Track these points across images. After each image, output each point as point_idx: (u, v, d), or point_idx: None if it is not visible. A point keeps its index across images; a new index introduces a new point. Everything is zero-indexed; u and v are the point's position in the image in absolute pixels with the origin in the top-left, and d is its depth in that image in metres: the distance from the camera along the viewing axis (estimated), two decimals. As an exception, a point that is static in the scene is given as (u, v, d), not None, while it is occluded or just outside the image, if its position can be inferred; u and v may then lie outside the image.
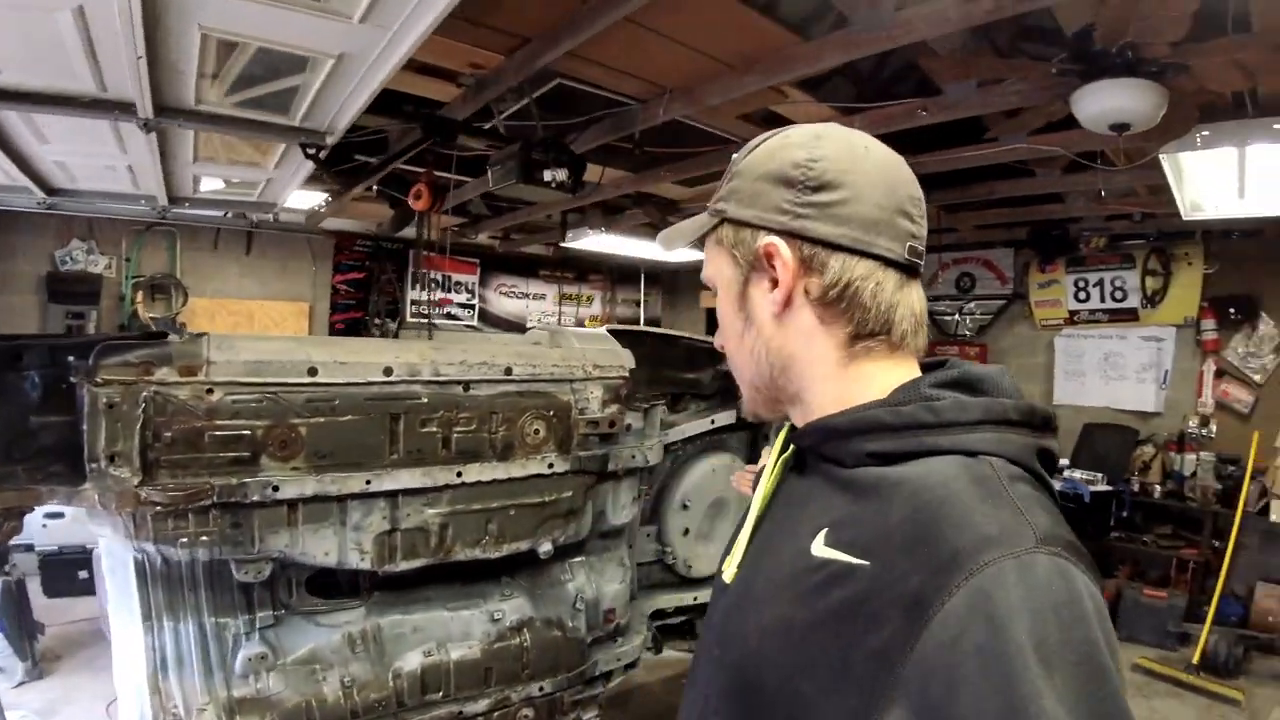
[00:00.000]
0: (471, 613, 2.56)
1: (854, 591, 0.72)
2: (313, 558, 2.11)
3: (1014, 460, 0.77)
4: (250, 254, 7.49)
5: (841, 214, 0.84)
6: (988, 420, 0.79)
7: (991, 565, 0.64)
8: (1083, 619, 0.63)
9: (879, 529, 0.74)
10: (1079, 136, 3.82)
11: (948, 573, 0.65)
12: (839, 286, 0.85)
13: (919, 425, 0.78)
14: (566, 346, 2.86)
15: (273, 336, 2.25)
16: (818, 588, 0.76)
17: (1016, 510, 0.70)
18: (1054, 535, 0.68)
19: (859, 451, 0.81)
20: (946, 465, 0.75)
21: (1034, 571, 0.64)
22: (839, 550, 0.76)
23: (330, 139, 2.84)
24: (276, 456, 2.00)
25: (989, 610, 0.62)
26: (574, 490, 2.72)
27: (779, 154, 0.87)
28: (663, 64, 3.19)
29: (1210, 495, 5.73)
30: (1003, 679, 0.59)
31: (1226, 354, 6.06)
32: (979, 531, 0.67)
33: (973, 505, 0.70)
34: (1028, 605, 0.62)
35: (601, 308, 10.34)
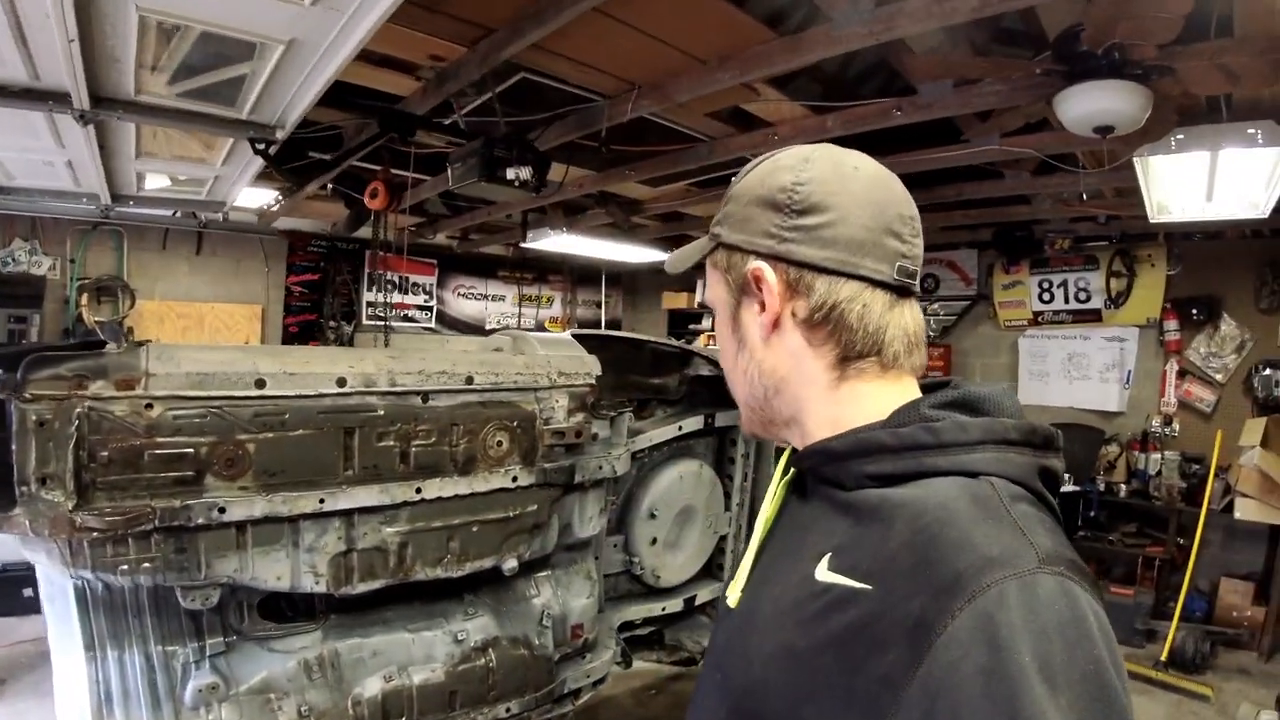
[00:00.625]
0: (434, 634, 2.47)
1: (857, 616, 0.72)
2: (264, 582, 2.01)
3: (1015, 480, 0.77)
4: (200, 254, 7.27)
5: (827, 236, 0.86)
6: (988, 440, 0.79)
7: (994, 586, 0.64)
8: (1087, 638, 0.63)
9: (881, 553, 0.74)
10: (1052, 139, 3.88)
11: (950, 595, 0.65)
12: (825, 309, 0.86)
13: (918, 446, 0.79)
14: (530, 353, 2.78)
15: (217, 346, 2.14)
16: (821, 613, 0.76)
17: (1018, 530, 0.70)
18: (1056, 555, 0.68)
19: (859, 474, 0.82)
20: (947, 486, 0.76)
21: (1037, 592, 0.64)
22: (842, 575, 0.76)
23: (280, 134, 2.72)
24: (223, 476, 1.89)
25: (992, 632, 0.62)
26: (539, 504, 2.64)
27: (768, 178, 0.90)
28: (632, 58, 3.11)
29: (1175, 494, 5.83)
30: (1006, 701, 0.59)
31: (1189, 354, 6.18)
32: (980, 553, 0.67)
33: (974, 526, 0.70)
34: (1031, 626, 0.62)
35: (562, 309, 10.27)
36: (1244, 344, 5.95)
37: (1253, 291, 5.92)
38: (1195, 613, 5.48)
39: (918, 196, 3.49)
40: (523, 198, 5.83)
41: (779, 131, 3.87)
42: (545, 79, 3.29)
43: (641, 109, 3.40)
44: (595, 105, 3.54)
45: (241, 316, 7.49)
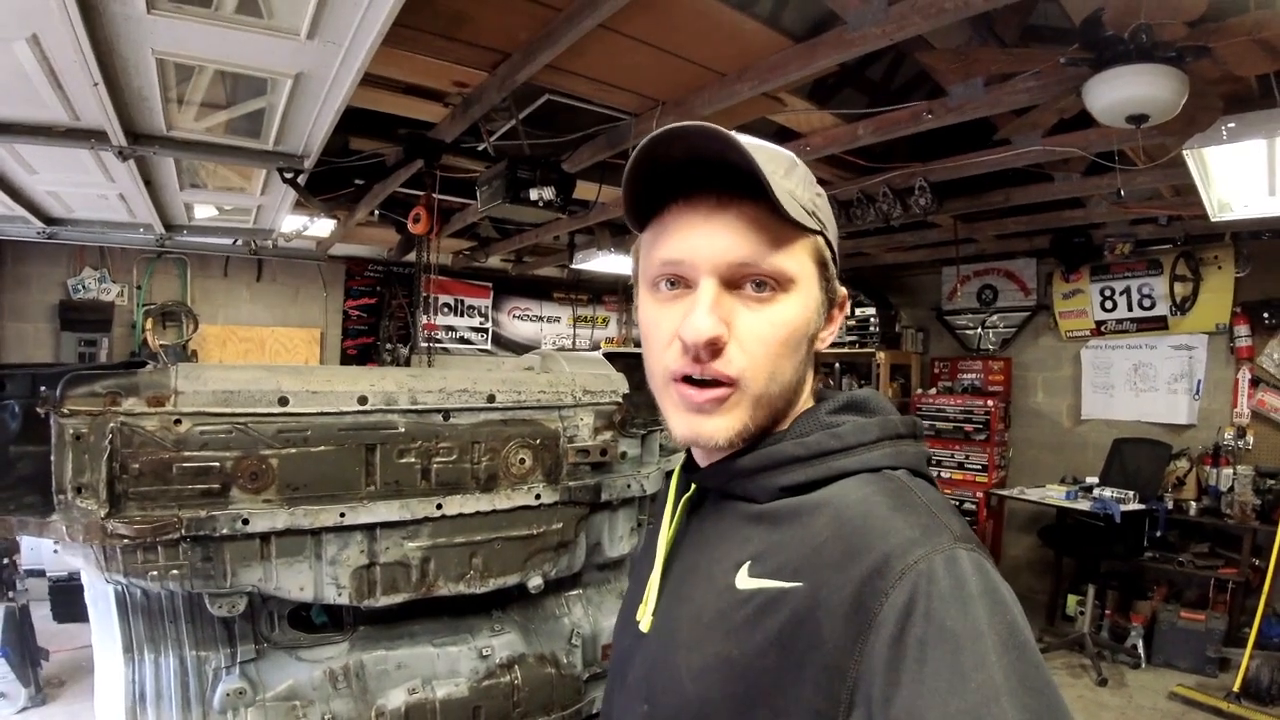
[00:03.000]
0: (459, 649, 2.55)
1: (790, 613, 0.75)
2: (287, 592, 2.12)
3: (911, 469, 0.86)
4: (260, 280, 7.65)
5: None
6: (885, 437, 0.87)
7: (921, 562, 0.70)
8: (1003, 604, 0.69)
9: (806, 550, 0.78)
10: (1097, 136, 3.74)
11: (882, 575, 0.71)
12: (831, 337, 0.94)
13: (827, 452, 0.85)
14: (556, 372, 2.86)
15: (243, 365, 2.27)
16: (751, 619, 0.79)
17: (931, 514, 0.77)
18: (965, 534, 0.76)
19: (770, 487, 0.86)
20: (860, 484, 0.82)
21: (959, 565, 0.70)
22: (766, 579, 0.80)
23: (307, 162, 2.88)
24: (247, 489, 2.01)
25: (925, 604, 0.67)
26: (564, 522, 2.70)
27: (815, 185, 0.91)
28: (650, 75, 3.19)
29: (1249, 511, 5.56)
30: (948, 663, 0.64)
31: (1262, 361, 5.91)
32: (903, 535, 0.73)
33: (892, 515, 0.77)
34: (957, 595, 0.68)
35: (617, 329, 10.36)
36: (1322, 350, 5.71)
37: (1330, 293, 5.69)
38: (1273, 639, 5.18)
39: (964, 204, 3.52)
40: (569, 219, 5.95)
41: (810, 142, 3.89)
42: (569, 100, 3.39)
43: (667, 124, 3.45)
44: (622, 124, 3.63)
45: (301, 340, 7.82)
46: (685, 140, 0.82)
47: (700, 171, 0.84)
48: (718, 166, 0.82)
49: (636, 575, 1.05)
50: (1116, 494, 5.57)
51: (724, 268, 0.83)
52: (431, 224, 4.83)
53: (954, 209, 5.25)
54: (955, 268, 7.47)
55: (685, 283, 0.86)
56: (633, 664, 0.95)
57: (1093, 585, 5.65)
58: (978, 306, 7.62)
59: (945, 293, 7.92)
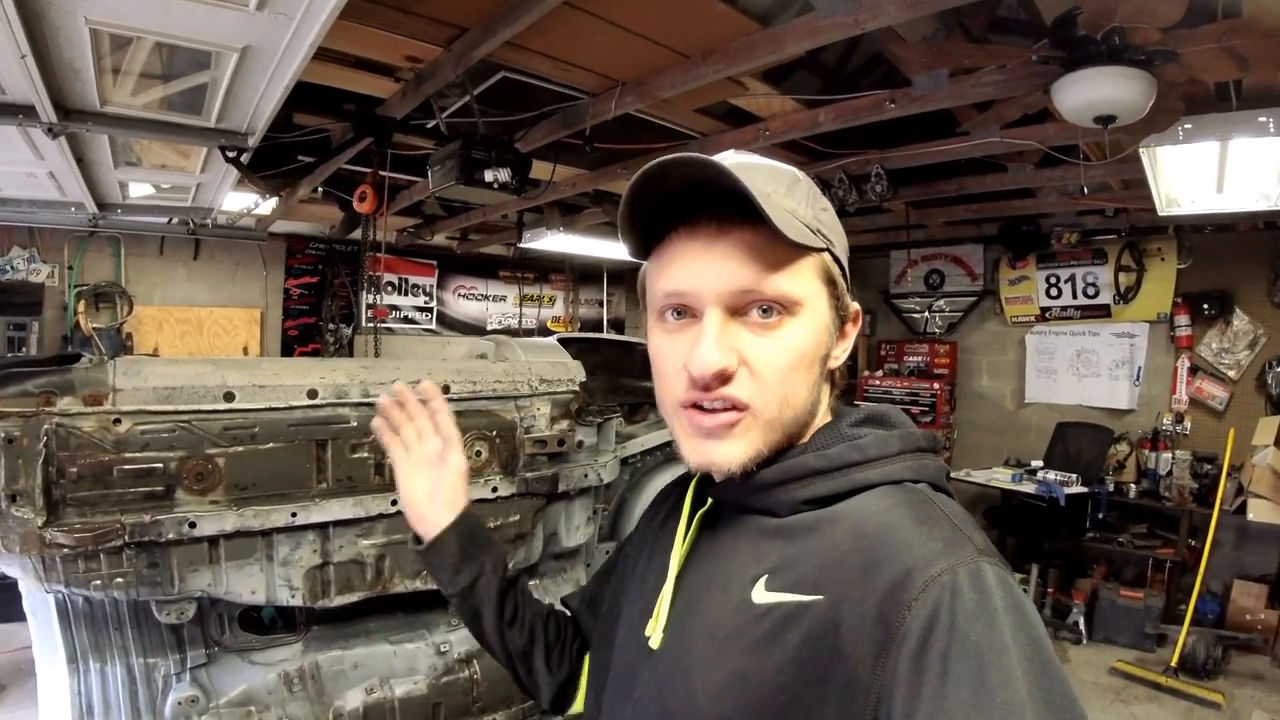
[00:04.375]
0: (416, 646, 2.51)
1: (811, 627, 0.74)
2: (238, 596, 2.05)
3: (931, 482, 0.85)
4: (198, 259, 7.31)
5: None
6: (906, 450, 0.86)
7: (945, 575, 0.69)
8: (1028, 619, 0.68)
9: (827, 563, 0.77)
10: (1055, 130, 3.81)
11: (905, 588, 0.70)
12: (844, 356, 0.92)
13: (849, 465, 0.84)
14: (512, 360, 2.81)
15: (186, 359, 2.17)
16: (770, 634, 0.77)
17: (954, 527, 0.76)
18: (988, 548, 0.75)
19: (792, 500, 0.84)
20: (882, 496, 0.81)
21: (983, 578, 0.69)
22: (785, 592, 0.78)
23: (251, 140, 2.74)
24: (193, 490, 1.93)
25: (949, 618, 0.66)
26: (522, 514, 2.67)
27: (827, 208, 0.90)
28: (612, 54, 3.11)
29: (1187, 494, 5.78)
30: (973, 678, 0.63)
31: (1201, 350, 6.13)
32: (927, 547, 0.72)
33: (914, 527, 0.76)
34: (983, 608, 0.67)
35: (564, 308, 10.27)
36: (1257, 339, 5.91)
37: (1266, 285, 5.87)
38: (1207, 616, 5.44)
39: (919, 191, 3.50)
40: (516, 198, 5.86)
41: (770, 126, 3.88)
42: (526, 78, 3.30)
43: (626, 106, 3.40)
44: (579, 103, 3.55)
45: (240, 320, 7.54)
46: (681, 170, 0.80)
47: (698, 198, 0.83)
48: (716, 192, 0.81)
49: (637, 587, 1.01)
50: (1060, 477, 5.72)
51: (728, 296, 0.82)
52: (378, 203, 4.69)
53: (908, 195, 5.30)
54: (904, 252, 7.57)
55: (691, 312, 0.85)
56: (640, 680, 0.91)
57: (1036, 564, 5.79)
58: (925, 290, 7.74)
59: (893, 276, 8.00)
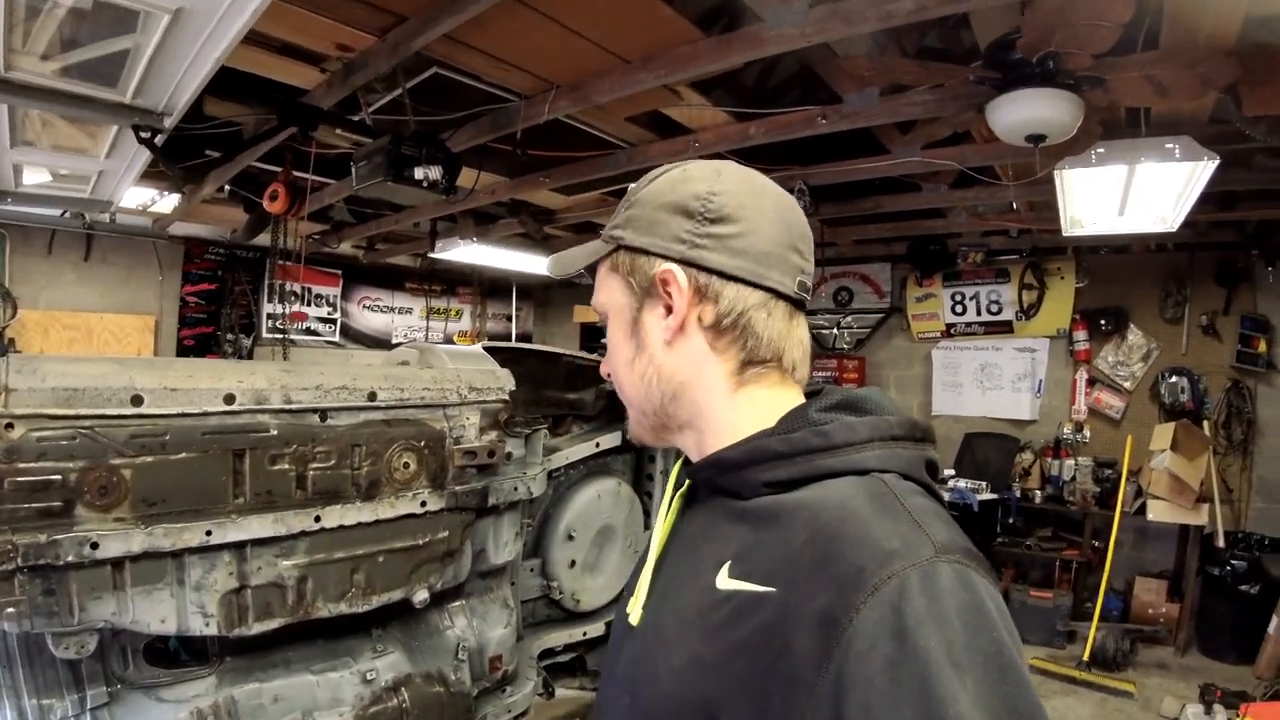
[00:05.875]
0: (340, 674, 2.33)
1: (763, 620, 0.74)
2: (146, 625, 1.84)
3: (904, 473, 0.83)
4: (89, 260, 6.82)
5: (737, 246, 0.90)
6: (875, 438, 0.84)
7: (895, 578, 0.67)
8: (987, 621, 0.66)
9: (782, 555, 0.77)
10: (974, 151, 3.98)
11: (854, 589, 0.68)
12: (732, 315, 0.91)
13: (810, 450, 0.83)
14: (439, 367, 2.67)
15: (89, 358, 1.95)
16: (726, 621, 0.78)
17: (914, 523, 0.74)
18: (951, 544, 0.72)
19: (755, 482, 0.85)
20: (842, 486, 0.80)
21: (936, 580, 0.67)
22: (743, 581, 0.79)
23: (168, 121, 2.51)
24: (95, 506, 1.73)
25: (897, 622, 0.64)
26: (451, 529, 2.52)
27: (679, 186, 0.93)
28: (551, 55, 3.03)
29: (1090, 498, 6.11)
30: (916, 688, 0.61)
31: (1098, 363, 6.51)
32: (880, 546, 0.70)
33: (871, 522, 0.74)
34: (933, 613, 0.65)
35: (471, 322, 10.10)
36: (1150, 353, 6.27)
37: (1158, 303, 6.26)
38: (1112, 612, 5.76)
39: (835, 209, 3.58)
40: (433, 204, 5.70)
41: (700, 139, 3.87)
42: (459, 75, 3.18)
43: (560, 110, 3.33)
44: (510, 105, 3.45)
45: (133, 328, 7.07)
46: None
47: None
48: None
49: (635, 568, 1.05)
50: (971, 484, 5.94)
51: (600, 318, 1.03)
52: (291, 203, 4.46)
53: (826, 213, 5.39)
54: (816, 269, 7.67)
55: None
56: (620, 656, 0.97)
57: (948, 569, 5.95)
58: (834, 307, 7.95)
59: (800, 293, 8.09)
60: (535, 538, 3.29)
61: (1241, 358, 6.02)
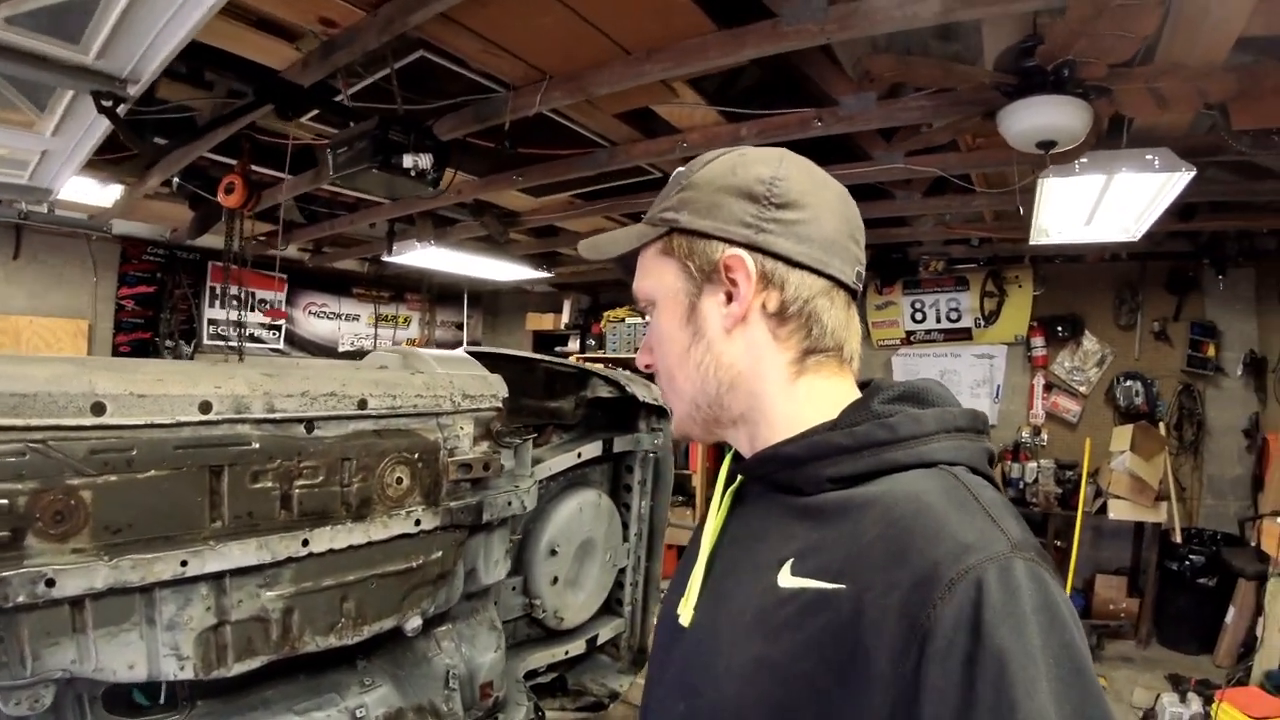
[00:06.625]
0: (327, 713, 2.05)
1: (833, 618, 0.71)
2: (112, 674, 1.54)
3: (969, 465, 0.80)
4: (19, 259, 6.23)
5: (803, 232, 0.87)
6: (941, 430, 0.81)
7: (972, 572, 0.65)
8: (1060, 622, 0.64)
9: (852, 551, 0.73)
10: (956, 160, 3.93)
11: (930, 585, 0.65)
12: (797, 302, 0.87)
13: (877, 443, 0.79)
14: (429, 373, 2.40)
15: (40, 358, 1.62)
16: (792, 620, 0.74)
17: (988, 517, 0.71)
18: (1025, 542, 0.69)
19: (818, 477, 0.81)
20: (913, 480, 0.76)
21: (1013, 577, 0.65)
22: (809, 579, 0.75)
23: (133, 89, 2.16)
24: (49, 535, 1.42)
25: (975, 620, 0.62)
26: (445, 549, 2.27)
27: (741, 169, 0.89)
28: (551, 42, 2.78)
29: (1052, 499, 6.16)
30: (993, 686, 0.60)
31: (1054, 369, 6.57)
32: (956, 540, 0.68)
33: (946, 516, 0.71)
34: (1009, 610, 0.62)
35: (420, 330, 9.73)
36: (1105, 358, 6.34)
37: (1112, 310, 6.35)
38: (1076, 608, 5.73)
39: None
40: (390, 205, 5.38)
41: (688, 139, 3.67)
42: (445, 60, 2.89)
43: (552, 101, 3.07)
44: (496, 96, 3.19)
45: (65, 332, 6.53)
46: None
47: None
48: None
49: (681, 566, 1.00)
50: None
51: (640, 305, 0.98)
52: (248, 196, 4.11)
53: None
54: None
55: None
56: (671, 659, 0.92)
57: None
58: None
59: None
60: (516, 554, 3.03)
61: (1191, 362, 6.10)
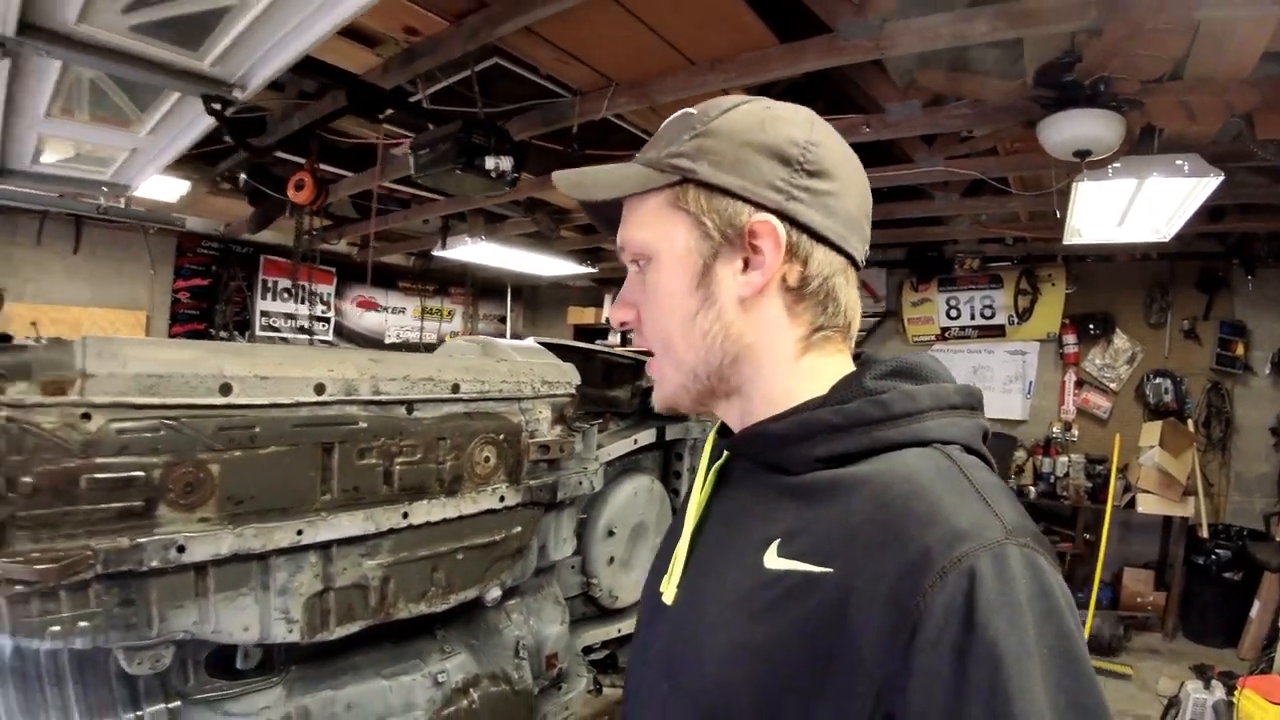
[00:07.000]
0: (412, 678, 2.07)
1: (820, 601, 0.66)
2: (229, 635, 1.57)
3: (964, 443, 0.74)
4: (79, 252, 6.25)
5: (831, 205, 0.79)
6: (935, 407, 0.75)
7: (965, 560, 0.61)
8: (1056, 611, 0.60)
9: (840, 533, 0.69)
10: (995, 163, 3.96)
11: (921, 572, 0.61)
12: (819, 278, 0.80)
13: (869, 421, 0.74)
14: (510, 361, 2.43)
15: (170, 342, 1.65)
16: (777, 603, 0.70)
17: (983, 501, 0.66)
18: (1021, 527, 0.65)
19: (807, 457, 0.75)
20: (906, 460, 0.71)
21: (1007, 565, 0.61)
22: (796, 560, 0.70)
23: (240, 94, 2.17)
24: (179, 505, 1.45)
25: (967, 609, 0.59)
26: (524, 525, 2.30)
27: (771, 126, 0.79)
28: (621, 51, 2.80)
29: (1082, 493, 6.06)
30: (985, 679, 0.57)
31: (1086, 366, 6.45)
32: (949, 525, 0.63)
33: (939, 499, 0.66)
34: (1003, 600, 0.59)
35: (463, 323, 9.73)
36: (1135, 356, 6.22)
37: (1143, 309, 6.22)
38: (1103, 601, 5.72)
39: None
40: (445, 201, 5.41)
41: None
42: (517, 66, 2.91)
43: (618, 107, 3.08)
44: (561, 101, 3.19)
45: (124, 324, 6.53)
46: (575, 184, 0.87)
47: None
48: None
49: (665, 543, 0.95)
50: None
51: (626, 256, 0.86)
52: (317, 193, 4.15)
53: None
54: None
55: None
56: (655, 637, 0.86)
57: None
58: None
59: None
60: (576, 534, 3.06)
61: (1220, 360, 5.97)
